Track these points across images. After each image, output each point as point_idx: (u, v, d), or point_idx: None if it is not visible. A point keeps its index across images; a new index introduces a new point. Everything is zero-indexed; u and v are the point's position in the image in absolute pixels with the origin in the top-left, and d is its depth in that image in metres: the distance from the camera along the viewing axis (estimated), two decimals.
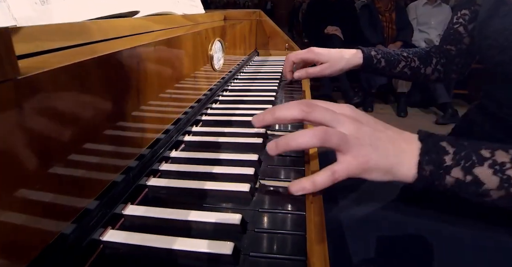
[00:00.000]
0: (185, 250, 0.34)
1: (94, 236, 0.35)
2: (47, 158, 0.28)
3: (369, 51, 0.79)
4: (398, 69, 0.78)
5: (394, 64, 0.78)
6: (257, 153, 0.53)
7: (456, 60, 0.77)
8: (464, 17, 0.71)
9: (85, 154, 0.34)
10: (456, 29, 0.73)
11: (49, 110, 0.29)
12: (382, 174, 0.40)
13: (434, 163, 0.39)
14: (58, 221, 0.30)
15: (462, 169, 0.38)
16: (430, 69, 0.79)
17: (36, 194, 0.27)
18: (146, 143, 0.47)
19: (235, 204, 0.42)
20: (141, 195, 0.44)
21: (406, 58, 0.78)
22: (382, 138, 0.41)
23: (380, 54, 0.78)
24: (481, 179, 0.37)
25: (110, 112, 0.38)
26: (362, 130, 0.41)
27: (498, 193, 0.37)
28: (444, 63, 0.79)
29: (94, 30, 0.45)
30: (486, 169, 0.37)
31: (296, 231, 0.37)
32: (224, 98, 0.85)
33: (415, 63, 0.79)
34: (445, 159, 0.38)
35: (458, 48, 0.75)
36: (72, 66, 0.31)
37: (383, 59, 0.78)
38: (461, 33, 0.73)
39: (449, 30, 0.76)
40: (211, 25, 0.84)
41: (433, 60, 0.79)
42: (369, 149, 0.40)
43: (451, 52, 0.77)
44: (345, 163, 0.40)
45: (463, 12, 0.71)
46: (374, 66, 0.78)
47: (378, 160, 0.40)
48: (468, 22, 0.71)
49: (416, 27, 3.50)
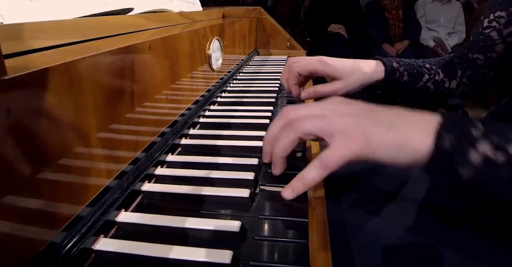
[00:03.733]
0: (181, 259, 0.34)
1: (86, 244, 0.34)
2: (35, 162, 0.28)
3: (391, 62, 0.69)
4: (421, 84, 0.71)
5: (417, 79, 0.70)
6: (257, 157, 0.53)
7: (482, 71, 0.69)
8: (498, 20, 0.63)
9: (76, 158, 0.33)
10: (487, 35, 0.65)
11: (38, 112, 0.28)
12: (392, 151, 0.35)
13: (456, 132, 0.33)
14: (47, 229, 0.30)
15: (492, 144, 0.31)
16: (455, 82, 0.71)
17: (23, 200, 0.27)
18: (141, 146, 0.47)
19: (234, 210, 0.42)
20: (135, 201, 0.44)
21: (429, 70, 0.70)
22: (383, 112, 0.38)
23: (403, 66, 0.69)
24: None
25: (102, 114, 0.38)
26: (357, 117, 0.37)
27: None
28: (469, 75, 0.71)
29: (86, 28, 0.45)
30: None
31: (298, 238, 0.37)
32: (222, 99, 0.85)
33: (439, 77, 0.71)
34: (471, 130, 0.32)
35: (488, 57, 0.67)
36: (63, 66, 0.31)
37: (405, 72, 0.69)
38: (494, 40, 0.64)
39: (477, 36, 0.67)
40: (209, 23, 0.84)
41: (458, 72, 0.71)
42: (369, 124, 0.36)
43: (478, 61, 0.69)
44: (336, 148, 0.36)
45: (497, 14, 0.63)
46: (396, 81, 0.70)
47: (381, 133, 0.35)
48: (504, 27, 0.63)
49: (424, 25, 3.50)
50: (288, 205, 0.43)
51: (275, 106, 0.79)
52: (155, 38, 0.51)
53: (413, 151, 0.35)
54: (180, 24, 0.77)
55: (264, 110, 0.75)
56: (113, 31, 0.51)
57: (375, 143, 0.35)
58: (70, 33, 0.42)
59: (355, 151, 0.36)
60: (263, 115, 0.71)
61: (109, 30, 0.50)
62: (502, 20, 0.62)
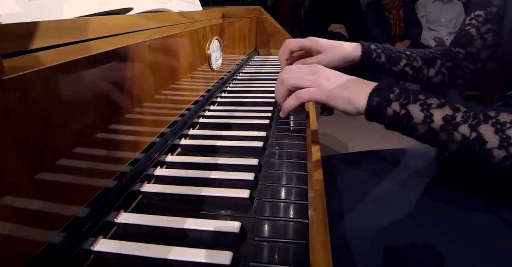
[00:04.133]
0: (181, 260, 0.34)
1: (85, 245, 0.34)
2: (34, 163, 0.28)
3: (369, 44, 0.80)
4: (399, 67, 0.79)
5: (394, 61, 0.78)
6: (257, 157, 0.53)
7: (463, 64, 0.77)
8: (478, 19, 0.71)
9: (75, 158, 0.33)
10: (467, 31, 0.73)
11: (37, 112, 0.28)
12: (345, 103, 0.54)
13: (380, 96, 0.51)
14: (46, 230, 0.30)
15: (400, 104, 0.49)
16: (434, 71, 0.79)
17: (22, 201, 0.27)
18: (140, 146, 0.47)
19: (234, 211, 0.42)
20: (134, 202, 0.44)
21: (408, 56, 0.79)
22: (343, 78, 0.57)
23: (381, 49, 0.79)
24: (412, 114, 0.48)
25: (101, 114, 0.38)
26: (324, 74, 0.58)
27: (423, 127, 0.48)
28: (450, 66, 0.79)
29: (85, 28, 0.45)
30: (417, 106, 0.48)
31: (298, 239, 0.36)
32: (222, 99, 0.85)
33: (417, 63, 0.79)
34: (390, 95, 0.50)
35: (468, 51, 0.75)
36: (61, 65, 0.31)
37: (383, 54, 0.78)
38: (473, 36, 0.72)
39: (460, 32, 0.76)
40: (208, 23, 0.84)
41: (437, 62, 0.79)
42: (332, 83, 0.56)
43: (459, 55, 0.76)
44: (309, 90, 0.57)
45: (477, 13, 0.71)
46: (373, 61, 0.79)
47: (339, 90, 0.54)
48: (482, 24, 0.70)
49: (425, 25, 3.50)
50: (289, 206, 0.43)
51: (275, 107, 0.79)
52: (155, 38, 0.51)
53: (357, 106, 0.53)
54: (180, 24, 0.77)
55: (264, 111, 0.75)
56: (112, 31, 0.51)
57: (335, 96, 0.55)
58: (70, 33, 0.42)
59: (319, 96, 0.56)
60: (263, 116, 0.71)
61: (108, 30, 0.50)
62: (480, 19, 0.70)
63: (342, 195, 0.67)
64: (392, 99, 0.50)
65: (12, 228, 0.26)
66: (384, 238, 0.59)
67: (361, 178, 0.71)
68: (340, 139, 2.58)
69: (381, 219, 0.62)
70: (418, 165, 0.71)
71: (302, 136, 0.62)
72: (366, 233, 0.60)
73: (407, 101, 0.49)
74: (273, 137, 0.63)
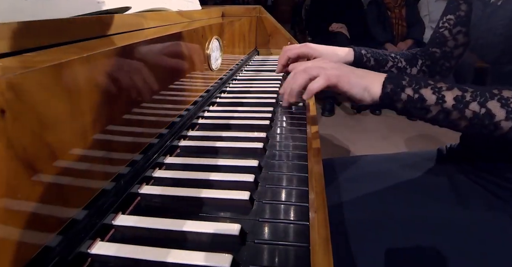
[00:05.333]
0: (180, 263, 0.33)
1: (82, 248, 0.34)
2: (30, 164, 0.28)
3: (360, 49, 0.89)
4: (386, 68, 0.88)
5: (382, 64, 0.88)
6: (257, 159, 0.53)
7: (440, 62, 0.87)
8: (449, 22, 0.82)
9: (72, 160, 0.33)
10: (441, 33, 0.84)
11: (32, 113, 0.28)
12: (362, 90, 0.59)
13: (394, 83, 0.57)
14: (42, 233, 0.30)
15: (412, 89, 0.55)
16: (416, 70, 0.90)
17: (18, 203, 0.27)
18: (139, 148, 0.47)
19: (234, 213, 0.42)
20: (133, 204, 0.44)
21: (393, 58, 0.89)
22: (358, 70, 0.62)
23: (370, 53, 0.88)
24: (425, 97, 0.54)
25: (99, 115, 0.38)
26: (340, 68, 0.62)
27: (436, 108, 0.54)
28: (428, 65, 0.89)
29: (82, 28, 0.45)
30: (429, 90, 0.54)
31: (299, 242, 0.36)
32: (222, 100, 0.85)
33: (401, 64, 0.89)
34: (402, 82, 0.56)
35: (443, 51, 0.85)
36: (58, 66, 0.31)
37: (372, 58, 0.87)
38: (446, 37, 0.83)
39: (435, 34, 0.87)
40: (208, 22, 0.84)
41: (418, 61, 0.90)
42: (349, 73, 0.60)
43: (436, 54, 0.87)
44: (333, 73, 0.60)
45: (448, 17, 0.83)
46: (364, 65, 0.87)
47: (357, 79, 0.59)
48: (453, 27, 0.82)
49: (428, 24, 3.50)
50: (289, 208, 0.42)
51: (275, 107, 0.79)
52: (153, 37, 0.51)
53: (372, 93, 0.58)
54: (179, 23, 0.77)
55: (264, 111, 0.75)
56: (110, 30, 0.51)
57: (353, 84, 0.59)
58: (67, 32, 0.42)
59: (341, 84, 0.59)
60: (263, 116, 0.71)
61: (106, 29, 0.50)
62: (451, 22, 0.82)
63: (344, 196, 0.67)
64: (406, 85, 0.56)
65: (8, 230, 0.26)
66: (386, 241, 0.60)
67: (363, 181, 0.72)
68: (341, 140, 2.58)
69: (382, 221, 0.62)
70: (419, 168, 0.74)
71: (303, 137, 0.62)
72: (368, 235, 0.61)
73: (419, 86, 0.55)
74: (273, 137, 0.63)
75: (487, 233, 0.59)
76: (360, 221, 0.63)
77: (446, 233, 0.59)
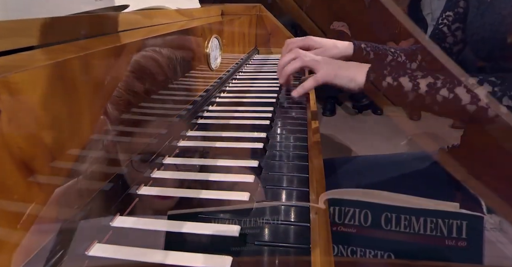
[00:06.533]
0: (179, 265, 0.33)
1: (79, 250, 0.34)
2: (26, 165, 0.28)
3: (360, 43, 0.92)
4: (386, 63, 0.91)
5: (381, 58, 0.91)
6: (257, 159, 0.53)
7: None
8: (448, 18, 0.86)
9: (68, 160, 0.33)
10: (440, 29, 0.87)
11: (28, 113, 0.28)
12: (348, 81, 0.68)
13: (376, 72, 0.65)
14: (39, 234, 0.30)
15: (392, 77, 0.63)
16: (415, 65, 0.92)
17: (13, 204, 0.27)
18: (137, 148, 0.47)
19: (234, 214, 0.42)
20: (131, 205, 0.44)
21: (393, 53, 0.91)
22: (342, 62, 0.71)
23: (370, 47, 0.91)
24: (403, 84, 0.62)
25: (96, 115, 0.38)
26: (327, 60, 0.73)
27: (412, 94, 0.61)
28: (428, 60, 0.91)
29: (79, 26, 0.45)
30: (406, 78, 0.62)
31: (299, 244, 0.36)
32: (221, 100, 0.85)
33: (401, 59, 0.92)
34: (384, 71, 0.64)
35: (442, 47, 0.88)
36: (54, 65, 0.31)
37: (372, 52, 0.91)
38: (445, 33, 0.86)
39: (435, 30, 0.90)
40: (207, 21, 0.84)
41: (418, 56, 0.92)
42: (335, 66, 0.70)
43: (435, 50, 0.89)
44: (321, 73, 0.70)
45: (447, 13, 0.86)
46: (363, 58, 0.90)
47: (342, 71, 0.68)
48: (452, 23, 0.85)
49: (430, 23, 3.49)
50: (290, 209, 0.42)
51: (275, 107, 0.79)
52: (152, 36, 0.51)
53: (358, 82, 0.67)
54: (177, 22, 0.77)
55: (264, 111, 0.75)
56: (107, 29, 0.51)
57: (340, 75, 0.68)
58: (63, 31, 0.42)
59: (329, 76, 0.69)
60: (263, 116, 0.71)
61: (103, 28, 0.50)
62: (450, 18, 0.85)
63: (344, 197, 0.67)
64: (386, 74, 0.64)
65: (3, 232, 0.26)
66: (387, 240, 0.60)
67: (364, 181, 0.73)
68: (342, 140, 2.58)
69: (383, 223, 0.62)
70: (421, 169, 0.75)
71: (304, 137, 0.62)
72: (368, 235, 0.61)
73: (398, 75, 0.63)
74: (273, 137, 0.63)
75: None
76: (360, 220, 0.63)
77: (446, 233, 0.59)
